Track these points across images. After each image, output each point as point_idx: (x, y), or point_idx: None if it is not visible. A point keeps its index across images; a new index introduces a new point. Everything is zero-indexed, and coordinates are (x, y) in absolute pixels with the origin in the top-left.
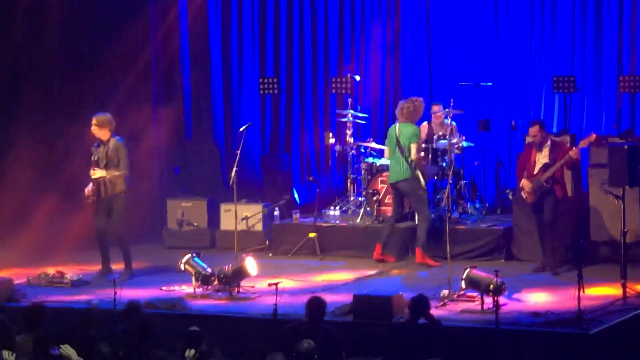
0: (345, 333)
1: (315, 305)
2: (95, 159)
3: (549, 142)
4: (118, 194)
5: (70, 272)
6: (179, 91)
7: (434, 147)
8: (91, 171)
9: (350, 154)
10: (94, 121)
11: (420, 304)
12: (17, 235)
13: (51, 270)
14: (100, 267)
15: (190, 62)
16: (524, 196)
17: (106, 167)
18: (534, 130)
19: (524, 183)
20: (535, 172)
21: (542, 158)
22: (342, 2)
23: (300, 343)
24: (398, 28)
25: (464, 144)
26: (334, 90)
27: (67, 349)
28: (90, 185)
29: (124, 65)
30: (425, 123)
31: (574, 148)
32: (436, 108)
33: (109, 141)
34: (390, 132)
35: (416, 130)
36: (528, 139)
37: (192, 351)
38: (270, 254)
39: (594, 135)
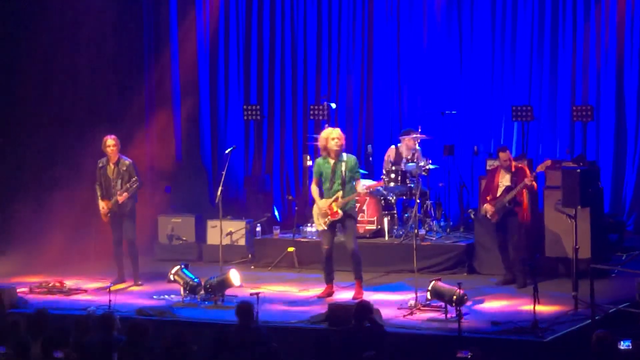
0: (317, 339)
1: (244, 310)
2: (113, 177)
3: (513, 167)
4: (130, 210)
5: (70, 282)
6: (171, 118)
7: (403, 169)
8: (118, 196)
9: None
10: (113, 142)
11: (363, 309)
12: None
13: (51, 280)
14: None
15: (181, 91)
16: (489, 216)
17: (120, 185)
18: (505, 155)
19: (487, 207)
20: (498, 195)
21: (505, 181)
22: (320, 36)
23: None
24: (371, 61)
25: (430, 166)
26: (311, 117)
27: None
28: (105, 203)
29: (122, 91)
30: (392, 146)
31: (529, 175)
32: (406, 135)
33: (118, 161)
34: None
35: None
36: (490, 163)
37: None
38: (252, 267)
39: (549, 161)
